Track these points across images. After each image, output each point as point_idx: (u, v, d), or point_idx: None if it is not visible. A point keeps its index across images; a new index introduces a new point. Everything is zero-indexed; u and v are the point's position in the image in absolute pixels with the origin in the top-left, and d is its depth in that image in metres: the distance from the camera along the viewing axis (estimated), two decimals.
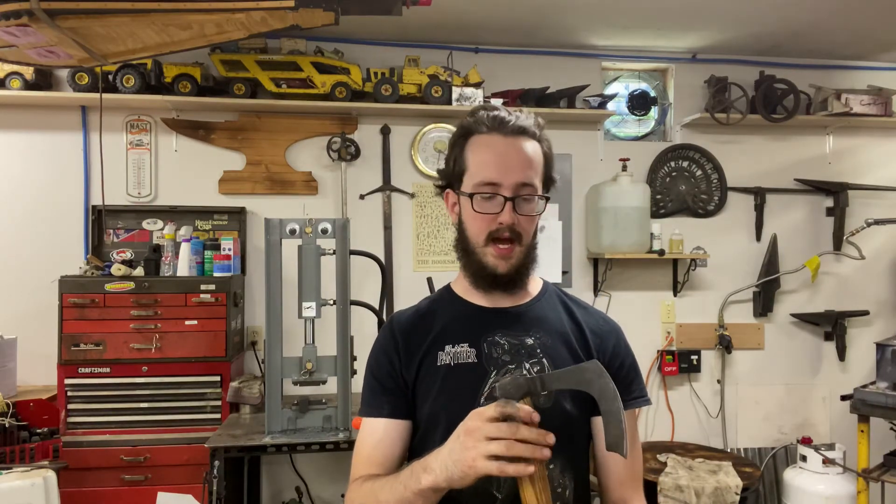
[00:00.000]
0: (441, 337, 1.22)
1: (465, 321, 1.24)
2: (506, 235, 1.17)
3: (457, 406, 1.11)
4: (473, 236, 1.21)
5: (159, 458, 2.83)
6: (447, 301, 1.30)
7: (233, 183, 3.42)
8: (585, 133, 3.69)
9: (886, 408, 2.79)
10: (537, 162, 1.21)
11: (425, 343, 1.22)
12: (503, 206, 1.17)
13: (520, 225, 1.18)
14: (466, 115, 1.26)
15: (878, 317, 3.91)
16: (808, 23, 3.28)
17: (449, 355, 1.20)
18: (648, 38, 3.56)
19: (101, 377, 2.84)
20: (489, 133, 1.20)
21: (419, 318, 1.27)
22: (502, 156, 1.18)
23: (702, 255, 3.65)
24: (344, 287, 2.62)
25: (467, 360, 1.19)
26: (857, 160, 3.90)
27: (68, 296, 2.83)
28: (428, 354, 1.21)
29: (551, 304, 1.29)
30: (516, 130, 1.20)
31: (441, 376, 1.18)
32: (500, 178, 1.17)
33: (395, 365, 1.22)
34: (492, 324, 1.23)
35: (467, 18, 3.22)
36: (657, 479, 2.91)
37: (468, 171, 1.20)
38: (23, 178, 3.29)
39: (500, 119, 1.20)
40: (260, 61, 3.24)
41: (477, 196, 1.18)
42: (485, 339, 1.21)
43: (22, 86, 3.12)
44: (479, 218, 1.19)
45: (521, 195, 1.18)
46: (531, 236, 1.23)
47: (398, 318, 1.30)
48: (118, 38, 2.13)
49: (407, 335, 1.24)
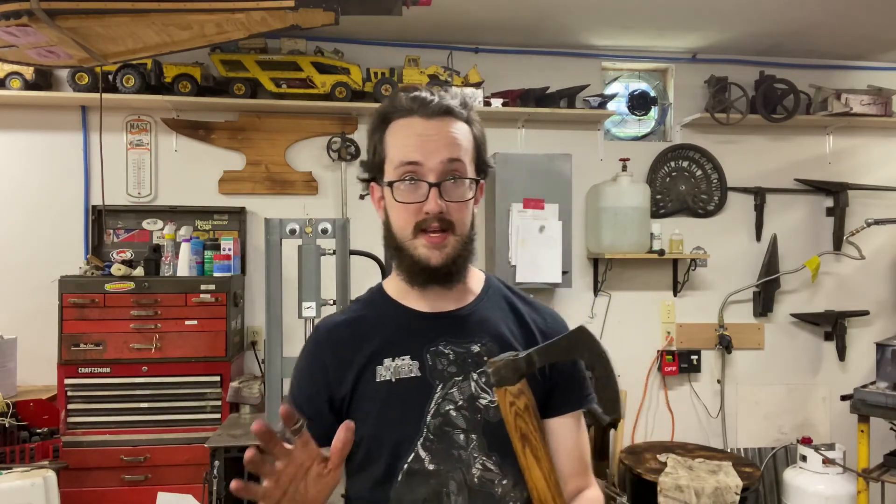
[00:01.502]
0: (379, 349, 1.09)
1: (404, 330, 1.11)
2: (434, 226, 1.05)
3: (402, 425, 1.05)
4: (399, 229, 1.08)
5: (159, 458, 2.83)
6: (382, 306, 1.16)
7: (233, 183, 3.42)
8: (585, 133, 3.69)
9: (886, 408, 2.79)
10: (465, 144, 1.09)
11: (361, 357, 1.09)
12: (428, 193, 1.04)
13: (450, 213, 1.06)
14: (385, 100, 1.14)
15: (878, 317, 3.91)
16: (808, 23, 3.28)
17: (389, 370, 1.08)
18: (648, 38, 3.56)
19: (101, 377, 2.84)
20: (409, 116, 1.07)
21: (351, 327, 1.13)
22: (423, 136, 1.05)
23: (702, 255, 3.65)
24: (344, 287, 2.63)
25: (410, 374, 1.07)
26: (857, 160, 3.90)
27: (68, 296, 2.83)
28: (365, 370, 1.08)
29: (496, 304, 1.18)
30: (440, 111, 1.07)
31: (382, 394, 1.06)
32: (421, 158, 1.04)
33: (318, 387, 1.09)
34: (434, 331, 1.11)
35: (467, 18, 3.22)
36: (657, 479, 2.92)
37: (388, 158, 1.08)
38: (23, 178, 3.29)
39: (422, 100, 1.07)
40: (260, 61, 3.24)
41: (398, 184, 1.05)
42: (428, 350, 1.09)
43: (22, 86, 3.12)
44: (402, 208, 1.06)
45: (448, 179, 1.05)
46: (466, 226, 1.10)
47: (326, 327, 1.16)
48: (118, 38, 2.14)
49: (338, 349, 1.11)
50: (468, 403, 1.07)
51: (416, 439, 1.05)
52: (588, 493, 1.16)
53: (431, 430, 1.05)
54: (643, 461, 3.17)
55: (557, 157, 3.35)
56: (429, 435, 1.05)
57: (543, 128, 3.63)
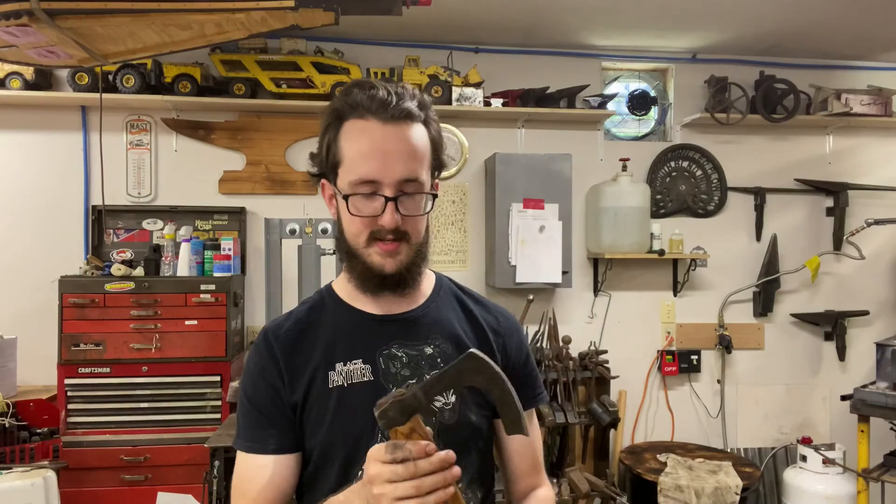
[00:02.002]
0: (330, 353, 1.07)
1: (356, 333, 1.09)
2: (389, 237, 1.03)
3: (355, 432, 1.03)
4: (352, 236, 1.06)
5: (159, 458, 2.83)
6: (332, 309, 1.13)
7: (233, 183, 3.42)
8: (585, 133, 3.69)
9: (886, 408, 2.79)
10: (423, 152, 1.05)
11: (311, 361, 1.07)
12: (384, 207, 1.01)
13: (405, 225, 1.04)
14: (339, 94, 1.08)
15: (878, 317, 3.91)
16: (808, 23, 3.28)
17: (341, 374, 1.05)
18: (648, 38, 3.56)
19: (101, 377, 2.84)
20: (366, 118, 1.02)
21: (300, 330, 1.10)
22: (382, 148, 1.01)
23: (702, 255, 3.65)
24: None
25: (362, 379, 1.05)
26: (857, 160, 3.90)
27: (68, 296, 2.83)
28: (316, 375, 1.06)
29: (447, 304, 1.17)
30: (399, 115, 1.02)
31: (334, 400, 1.04)
32: (379, 175, 1.00)
33: (277, 389, 1.06)
34: (386, 334, 1.09)
35: (467, 18, 3.22)
36: (657, 479, 2.92)
37: (343, 163, 1.04)
38: (23, 178, 3.29)
39: (380, 101, 1.01)
40: (260, 61, 3.24)
41: (354, 196, 1.02)
42: (380, 353, 1.07)
43: (22, 86, 3.12)
44: (357, 220, 1.04)
45: (405, 192, 1.03)
46: (421, 234, 1.08)
47: (275, 331, 1.11)
48: (118, 38, 2.13)
49: (289, 353, 1.08)
50: None
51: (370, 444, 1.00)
52: (539, 492, 1.17)
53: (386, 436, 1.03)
54: (643, 461, 3.17)
55: (557, 157, 3.35)
56: (383, 439, 1.01)
57: (543, 128, 3.63)
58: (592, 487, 2.87)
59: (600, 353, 3.32)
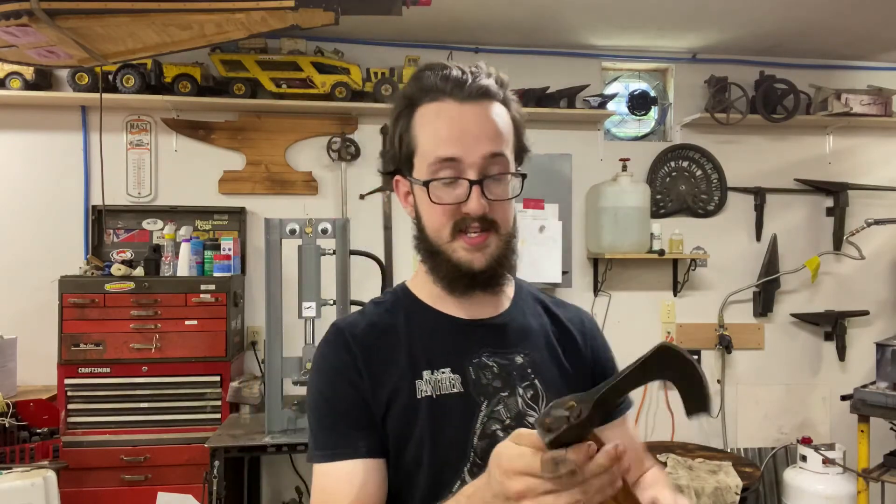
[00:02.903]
0: (416, 360, 0.96)
1: (443, 339, 0.98)
2: (475, 226, 0.94)
3: (446, 449, 0.92)
4: (434, 231, 0.96)
5: (159, 458, 2.83)
6: (411, 311, 1.02)
7: (233, 183, 3.42)
8: (585, 133, 3.69)
9: (886, 408, 2.79)
10: (506, 130, 0.97)
11: (395, 368, 0.95)
12: (469, 192, 0.92)
13: (492, 212, 0.94)
14: (410, 79, 1.00)
15: (878, 317, 3.91)
16: (808, 23, 3.28)
17: (430, 384, 0.94)
18: (648, 38, 3.56)
19: (101, 377, 2.84)
20: (441, 100, 0.94)
21: (379, 333, 0.99)
22: (461, 125, 0.92)
23: (702, 255, 3.65)
24: (344, 287, 2.62)
25: (452, 391, 0.94)
26: (857, 160, 3.90)
27: (68, 296, 2.83)
28: (401, 383, 0.94)
29: (531, 308, 1.08)
30: (476, 93, 0.94)
31: (423, 412, 0.92)
32: (460, 153, 0.92)
33: (360, 390, 0.94)
34: (476, 341, 0.98)
35: (467, 18, 3.21)
36: None
37: (418, 150, 0.95)
38: (23, 178, 3.29)
39: (455, 80, 0.94)
40: (260, 61, 3.24)
41: (434, 183, 0.93)
42: (470, 362, 0.97)
43: (22, 86, 3.12)
44: (438, 209, 0.94)
45: (491, 175, 0.94)
46: (509, 225, 0.98)
47: (350, 329, 0.99)
48: (118, 38, 2.14)
49: (368, 355, 0.96)
50: (515, 422, 0.95)
51: (463, 465, 0.92)
52: (647, 475, 1.09)
53: (478, 453, 0.93)
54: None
55: (557, 157, 3.35)
56: (476, 459, 0.92)
57: (543, 128, 3.63)
58: None
59: None
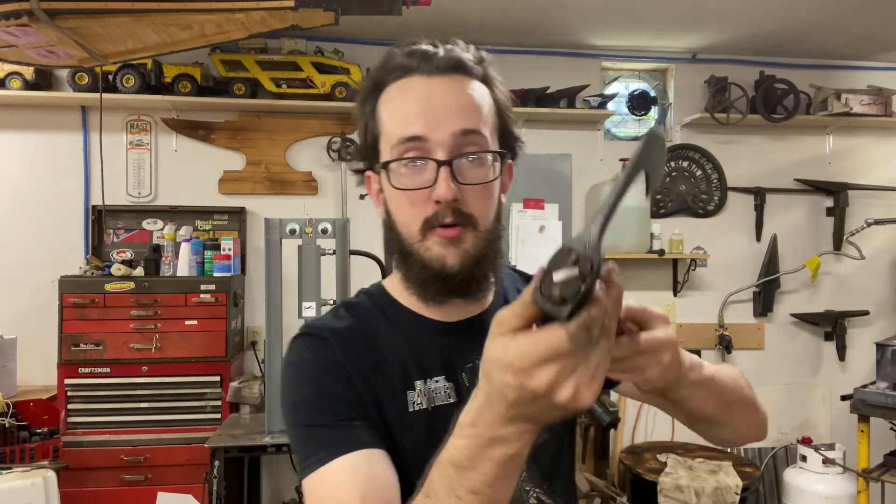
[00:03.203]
0: (408, 369, 0.85)
1: (432, 344, 0.87)
2: (447, 221, 0.80)
3: None
4: (404, 227, 0.84)
5: (159, 458, 2.83)
6: (394, 315, 0.90)
7: (233, 183, 3.42)
8: (585, 133, 3.69)
9: (886, 408, 2.78)
10: (485, 107, 0.84)
11: (386, 377, 0.84)
12: (436, 176, 0.79)
13: (466, 202, 0.81)
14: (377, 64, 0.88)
15: (878, 317, 3.91)
16: (808, 23, 3.28)
17: (423, 395, 0.84)
18: (648, 38, 3.56)
19: (101, 377, 2.84)
20: (407, 76, 0.83)
21: (361, 337, 0.86)
22: (427, 100, 0.81)
23: (702, 255, 3.65)
24: (344, 287, 2.62)
25: (447, 401, 0.85)
26: (857, 160, 3.90)
27: (68, 296, 2.83)
28: (391, 394, 0.83)
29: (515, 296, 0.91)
30: (447, 66, 0.83)
31: (418, 427, 0.82)
32: (425, 130, 0.80)
33: (354, 386, 0.82)
34: (467, 344, 0.86)
35: (467, 18, 3.21)
36: (657, 479, 2.91)
37: (382, 134, 0.84)
38: (23, 178, 3.29)
39: (422, 54, 0.83)
40: (260, 61, 3.24)
41: (397, 166, 0.81)
42: (464, 368, 0.86)
43: (22, 86, 3.12)
44: (404, 199, 0.82)
45: (463, 154, 0.80)
46: (490, 218, 0.84)
47: (330, 331, 0.86)
48: (118, 38, 2.14)
49: (355, 360, 0.83)
50: None
51: None
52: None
53: None
54: (643, 461, 3.16)
55: (557, 157, 3.35)
56: None
57: (543, 128, 3.63)
58: (592, 487, 2.87)
59: None
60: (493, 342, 0.55)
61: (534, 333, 0.52)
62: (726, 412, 0.84)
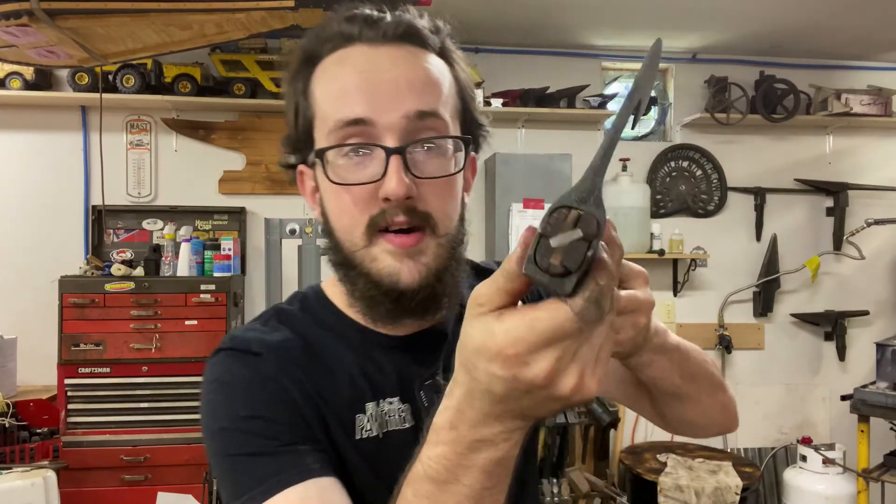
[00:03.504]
0: (358, 388, 0.72)
1: (384, 360, 0.74)
2: (399, 220, 0.66)
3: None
4: (344, 232, 0.70)
5: (159, 458, 2.83)
6: (337, 326, 0.76)
7: (233, 183, 3.42)
8: (585, 133, 3.69)
9: (886, 408, 2.78)
10: (444, 85, 0.70)
11: (332, 399, 0.70)
12: (385, 166, 0.65)
13: (423, 199, 0.67)
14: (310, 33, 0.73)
15: (878, 317, 3.91)
16: (808, 23, 3.28)
17: (374, 420, 0.71)
18: (648, 38, 3.55)
19: (101, 377, 2.84)
20: (347, 46, 0.69)
21: (301, 351, 0.72)
22: (372, 74, 0.66)
23: (702, 255, 3.65)
24: None
25: (402, 426, 0.72)
26: (857, 160, 3.90)
27: (68, 296, 2.83)
28: (337, 420, 0.70)
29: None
30: (395, 33, 0.69)
31: (368, 456, 0.70)
32: (371, 112, 0.65)
33: (296, 403, 0.68)
34: (424, 358, 0.75)
35: (467, 18, 3.21)
36: (657, 479, 2.91)
37: (317, 117, 0.70)
38: (23, 178, 3.29)
39: (365, 19, 0.69)
40: (260, 61, 3.24)
41: (335, 155, 0.67)
42: (420, 386, 0.74)
43: (22, 86, 3.12)
44: (345, 197, 0.68)
45: (419, 141, 0.67)
46: (453, 221, 0.70)
47: (261, 342, 0.71)
48: (118, 38, 2.13)
49: (293, 376, 0.69)
50: None
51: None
52: None
53: None
54: (643, 461, 3.16)
55: (557, 157, 3.35)
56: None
57: (543, 128, 3.63)
58: (592, 487, 2.87)
59: None
60: (473, 325, 0.45)
61: (527, 312, 0.43)
62: (691, 385, 0.73)
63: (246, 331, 0.74)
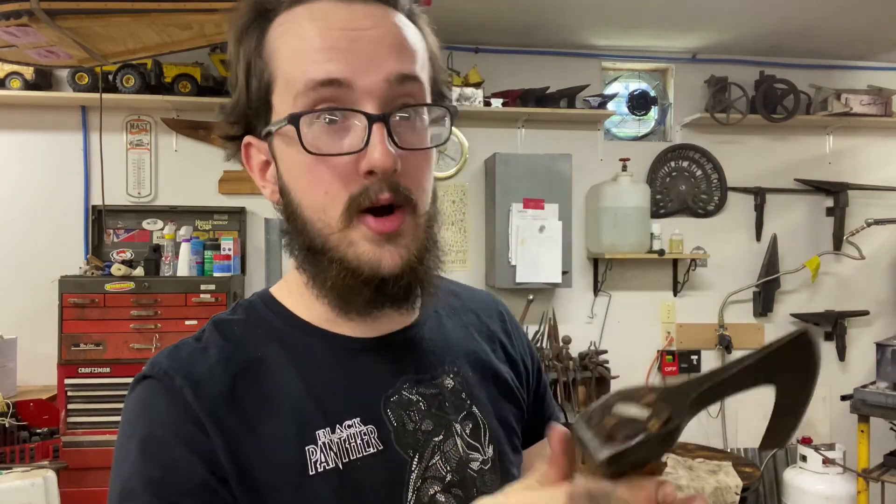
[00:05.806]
0: (306, 414, 0.62)
1: (343, 374, 0.65)
2: (384, 197, 0.59)
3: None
4: (315, 211, 0.62)
5: None
6: (286, 334, 0.67)
7: (233, 183, 3.42)
8: (585, 133, 3.69)
9: (886, 408, 2.78)
10: (419, 48, 0.63)
11: (271, 430, 0.61)
12: (367, 134, 0.58)
13: (406, 174, 0.60)
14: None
15: (878, 317, 3.91)
16: (808, 23, 3.28)
17: (330, 450, 0.61)
18: (648, 38, 3.56)
19: (101, 377, 2.84)
20: (310, 1, 0.61)
21: (236, 374, 0.63)
22: (349, 30, 0.59)
23: (702, 255, 3.65)
24: None
25: (367, 451, 0.62)
26: (857, 160, 3.90)
27: (68, 296, 2.83)
28: (282, 455, 0.60)
29: (446, 303, 0.76)
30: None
31: (326, 492, 0.60)
32: (349, 73, 0.58)
33: (213, 462, 0.59)
34: (390, 368, 0.67)
35: (467, 18, 3.21)
36: None
37: (278, 80, 0.61)
38: (23, 178, 3.29)
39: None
40: None
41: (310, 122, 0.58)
42: (387, 402, 0.65)
43: (22, 86, 3.12)
44: (321, 170, 0.59)
45: (405, 105, 0.60)
46: (427, 197, 0.64)
47: (185, 372, 0.62)
48: (118, 38, 2.13)
49: (221, 412, 0.60)
50: (459, 475, 0.66)
51: None
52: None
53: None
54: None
55: (557, 157, 3.35)
56: None
57: (543, 128, 3.63)
58: None
59: (600, 354, 3.32)
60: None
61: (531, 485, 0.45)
62: None
63: (174, 350, 0.66)
